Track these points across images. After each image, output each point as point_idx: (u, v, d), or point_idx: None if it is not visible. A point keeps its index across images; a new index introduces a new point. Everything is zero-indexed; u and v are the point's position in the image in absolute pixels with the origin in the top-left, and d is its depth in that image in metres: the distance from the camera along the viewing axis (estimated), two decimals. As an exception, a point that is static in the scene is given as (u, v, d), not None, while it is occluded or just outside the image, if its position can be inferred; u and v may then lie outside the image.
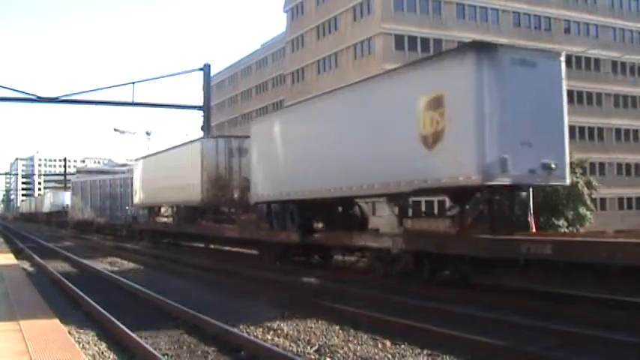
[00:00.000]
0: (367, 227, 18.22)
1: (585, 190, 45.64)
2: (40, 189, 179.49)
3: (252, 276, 16.95)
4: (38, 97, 32.25)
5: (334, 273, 17.15)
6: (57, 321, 9.41)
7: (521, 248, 11.27)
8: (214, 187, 25.34)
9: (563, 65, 13.28)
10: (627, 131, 62.45)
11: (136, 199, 36.47)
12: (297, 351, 8.58)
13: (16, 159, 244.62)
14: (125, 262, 23.36)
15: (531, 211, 22.38)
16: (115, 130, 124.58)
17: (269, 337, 9.45)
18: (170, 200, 30.32)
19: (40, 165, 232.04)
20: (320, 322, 10.42)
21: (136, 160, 37.73)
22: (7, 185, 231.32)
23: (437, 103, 12.71)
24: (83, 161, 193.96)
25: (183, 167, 27.51)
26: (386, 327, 9.65)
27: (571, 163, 52.09)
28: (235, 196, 25.16)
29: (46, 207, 72.27)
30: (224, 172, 25.57)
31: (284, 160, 19.33)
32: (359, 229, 17.52)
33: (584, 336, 8.71)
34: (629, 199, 61.92)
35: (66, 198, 62.91)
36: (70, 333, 9.14)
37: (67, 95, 33.11)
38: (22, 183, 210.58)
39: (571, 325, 9.23)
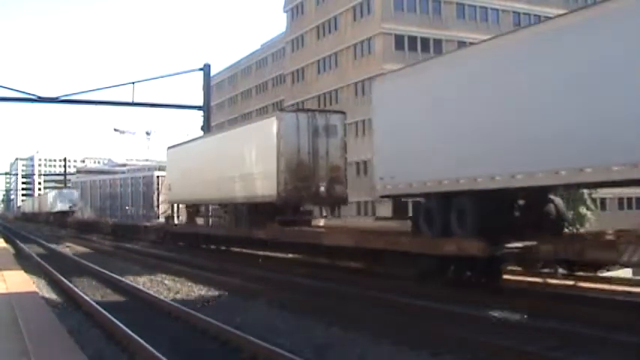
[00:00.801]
0: (562, 232, 13.03)
1: (585, 190, 45.75)
2: (40, 189, 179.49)
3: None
4: (38, 97, 32.26)
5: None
6: None
7: None
8: (295, 177, 19.66)
9: None
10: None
11: (171, 196, 30.78)
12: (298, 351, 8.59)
13: (16, 159, 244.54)
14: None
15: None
16: (115, 130, 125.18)
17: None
18: (226, 196, 23.91)
19: (40, 165, 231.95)
20: (320, 321, 10.43)
21: (170, 147, 31.45)
22: (7, 185, 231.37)
23: None
24: (83, 161, 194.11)
25: (249, 153, 21.83)
26: (386, 326, 9.65)
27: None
28: (322, 189, 19.92)
29: (51, 206, 68.25)
30: (307, 158, 19.88)
31: (448, 131, 12.91)
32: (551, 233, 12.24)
33: (584, 336, 8.70)
34: (629, 199, 61.85)
35: (73, 197, 60.08)
36: None
37: (67, 95, 33.12)
38: (22, 183, 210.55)
39: (571, 325, 9.22)
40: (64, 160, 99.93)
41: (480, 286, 12.75)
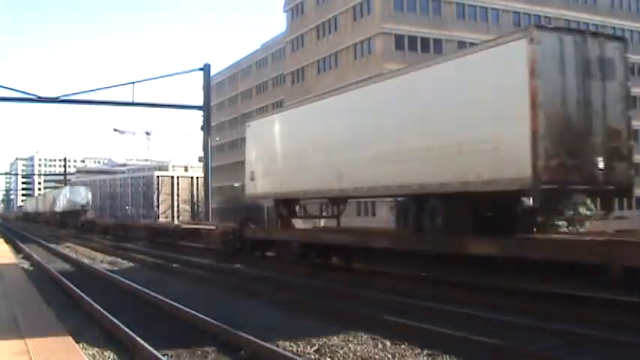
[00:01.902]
0: None
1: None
2: (40, 189, 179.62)
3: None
4: (38, 97, 32.31)
5: None
6: None
7: None
8: (561, 147, 11.30)
9: None
10: (627, 131, 62.38)
11: (252, 189, 21.28)
12: (297, 351, 8.58)
13: (16, 159, 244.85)
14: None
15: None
16: (115, 130, 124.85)
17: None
18: (389, 183, 14.55)
19: (40, 165, 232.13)
20: (320, 321, 10.42)
21: (253, 121, 22.91)
22: (7, 185, 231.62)
23: None
24: (83, 161, 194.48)
25: (460, 105, 12.71)
26: (386, 327, 9.65)
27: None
28: (600, 167, 11.60)
29: (60, 205, 58.86)
30: (576, 114, 11.53)
31: None
32: None
33: (584, 336, 8.70)
34: (629, 200, 61.85)
35: (85, 194, 53.36)
36: None
37: (67, 95, 33.21)
38: (22, 183, 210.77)
39: (571, 325, 9.22)
40: (64, 160, 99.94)
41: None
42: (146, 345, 8.29)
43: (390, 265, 15.64)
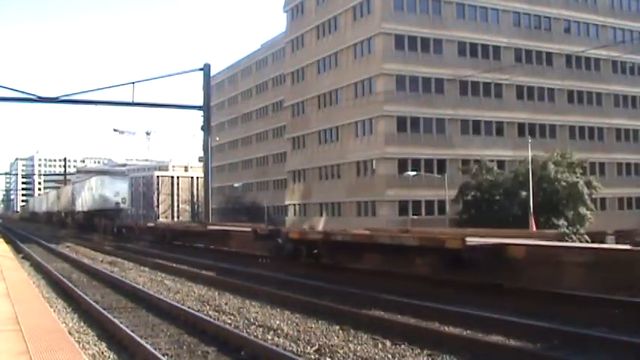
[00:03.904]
0: None
1: (585, 190, 45.79)
2: (40, 189, 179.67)
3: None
4: (38, 97, 32.33)
5: None
6: None
7: None
8: None
9: None
10: (627, 131, 62.45)
11: None
12: (297, 351, 8.57)
13: (16, 159, 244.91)
14: None
15: (531, 210, 22.42)
16: (115, 130, 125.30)
17: (269, 337, 9.43)
18: None
19: (40, 165, 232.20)
20: (320, 321, 10.42)
21: None
22: (7, 185, 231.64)
23: None
24: (83, 161, 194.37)
25: None
26: (386, 327, 9.65)
27: (571, 163, 51.91)
28: None
29: (86, 203, 45.35)
30: None
31: None
32: None
33: (584, 336, 8.70)
34: (629, 199, 61.88)
35: (122, 188, 42.09)
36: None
37: (67, 95, 33.22)
38: (22, 183, 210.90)
39: (571, 325, 9.22)
40: (64, 160, 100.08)
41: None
42: None
43: None
